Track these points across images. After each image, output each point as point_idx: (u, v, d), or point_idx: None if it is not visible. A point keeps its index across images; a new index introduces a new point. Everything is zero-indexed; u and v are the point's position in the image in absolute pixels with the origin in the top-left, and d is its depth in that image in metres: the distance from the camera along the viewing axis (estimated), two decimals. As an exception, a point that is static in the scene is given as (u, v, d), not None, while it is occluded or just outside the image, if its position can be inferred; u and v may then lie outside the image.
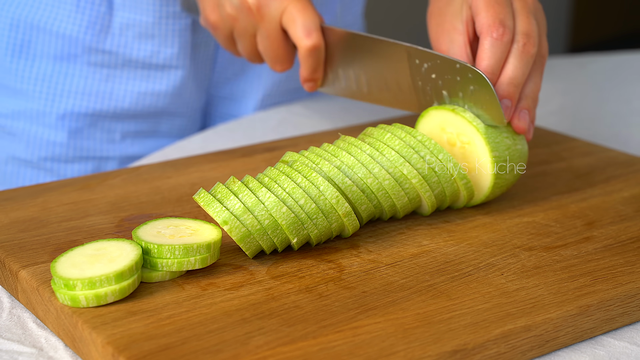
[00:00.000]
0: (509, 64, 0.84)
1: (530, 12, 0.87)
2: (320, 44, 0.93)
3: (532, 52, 0.84)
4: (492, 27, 0.84)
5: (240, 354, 0.62)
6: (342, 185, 0.77)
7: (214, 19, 0.98)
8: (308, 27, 0.92)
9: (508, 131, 0.84)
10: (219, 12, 0.97)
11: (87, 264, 0.69)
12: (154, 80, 1.14)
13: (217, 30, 0.98)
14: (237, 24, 0.96)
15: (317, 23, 0.93)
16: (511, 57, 0.84)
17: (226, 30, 0.98)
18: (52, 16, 1.10)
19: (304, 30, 0.92)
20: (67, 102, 1.12)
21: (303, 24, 0.92)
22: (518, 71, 0.84)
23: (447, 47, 0.88)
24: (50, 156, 1.14)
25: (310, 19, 0.92)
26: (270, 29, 0.94)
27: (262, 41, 0.96)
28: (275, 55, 0.96)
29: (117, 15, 1.11)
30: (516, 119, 0.84)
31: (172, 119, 1.18)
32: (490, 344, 0.65)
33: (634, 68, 1.48)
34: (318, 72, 0.95)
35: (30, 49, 1.11)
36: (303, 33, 0.92)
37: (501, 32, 0.83)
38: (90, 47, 1.11)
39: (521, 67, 0.84)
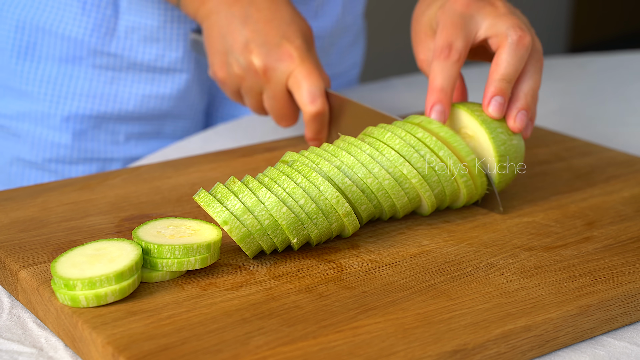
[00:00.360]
0: (501, 60, 0.85)
1: (511, 13, 0.88)
2: (324, 110, 0.95)
3: (527, 44, 0.85)
4: (439, 49, 0.86)
5: (240, 354, 0.62)
6: (342, 185, 0.77)
7: (221, 76, 0.99)
8: (313, 94, 0.94)
9: (502, 127, 0.84)
10: (226, 70, 0.99)
11: (87, 264, 0.69)
12: (159, 83, 1.14)
13: (225, 85, 1.00)
14: (244, 83, 0.98)
15: (322, 89, 0.95)
16: (503, 53, 0.85)
17: (233, 86, 1.00)
18: (57, 18, 1.10)
19: (309, 97, 0.94)
20: (72, 104, 1.13)
21: (308, 90, 0.94)
22: (510, 67, 0.84)
23: (425, 56, 0.91)
24: (54, 157, 1.15)
25: (315, 85, 0.94)
26: (276, 91, 0.96)
27: (268, 100, 0.98)
28: (281, 114, 0.98)
29: (122, 19, 1.11)
30: (512, 120, 0.85)
31: (176, 121, 1.18)
32: (490, 344, 0.65)
33: (634, 68, 1.48)
34: (322, 133, 0.97)
35: (35, 51, 1.12)
36: (308, 99, 0.94)
37: (446, 54, 0.85)
38: (95, 50, 1.11)
39: (514, 62, 0.84)
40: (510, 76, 0.84)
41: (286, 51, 0.95)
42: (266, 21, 0.96)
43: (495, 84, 0.84)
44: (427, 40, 0.90)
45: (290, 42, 0.95)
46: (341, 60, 1.30)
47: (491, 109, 0.84)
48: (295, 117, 0.99)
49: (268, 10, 0.97)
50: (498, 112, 0.84)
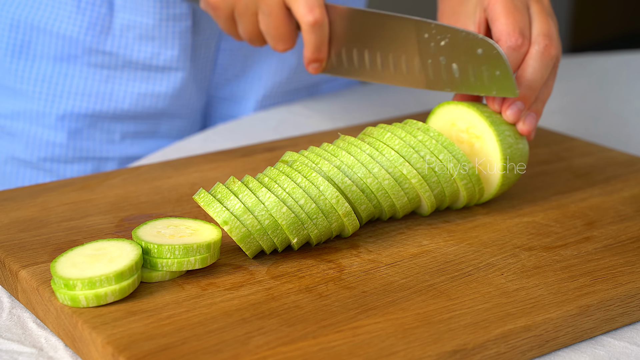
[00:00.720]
0: (528, 67, 0.83)
1: (548, 14, 0.86)
2: (323, 19, 0.91)
3: (553, 55, 0.84)
4: (510, 36, 0.83)
5: (240, 354, 0.62)
6: (341, 185, 0.77)
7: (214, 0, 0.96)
8: (310, 3, 0.90)
9: (510, 130, 0.84)
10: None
11: (87, 264, 0.69)
12: (154, 81, 1.14)
13: (218, 10, 0.97)
14: (238, 2, 0.94)
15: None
16: (530, 60, 0.83)
17: (227, 10, 0.96)
18: (52, 17, 1.10)
19: (306, 6, 0.90)
20: (67, 102, 1.12)
21: (306, 0, 0.90)
22: (537, 74, 0.83)
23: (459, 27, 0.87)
24: (49, 157, 1.14)
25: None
26: (272, 6, 0.92)
27: (263, 19, 0.94)
28: (278, 34, 0.94)
29: (117, 17, 1.11)
30: (521, 122, 0.84)
31: (172, 120, 1.18)
32: (490, 344, 0.65)
33: (634, 68, 1.48)
34: (322, 51, 0.93)
35: (30, 50, 1.11)
36: (305, 9, 0.90)
37: (520, 42, 0.83)
38: (90, 48, 1.11)
39: (540, 70, 0.83)
40: (536, 83, 0.83)
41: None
42: None
43: (520, 90, 0.83)
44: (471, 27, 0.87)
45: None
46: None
47: (509, 112, 0.83)
48: (293, 38, 0.95)
49: None
50: (515, 117, 0.84)
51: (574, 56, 1.55)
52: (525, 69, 0.83)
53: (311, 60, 0.94)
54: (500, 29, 0.84)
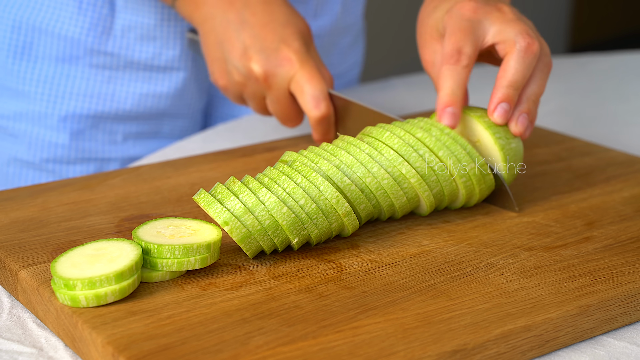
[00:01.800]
0: (508, 67, 0.84)
1: (518, 19, 0.87)
2: (329, 113, 0.95)
3: (535, 51, 0.85)
4: (449, 55, 0.86)
5: (240, 354, 0.62)
6: (340, 185, 0.77)
7: (222, 83, 0.99)
8: (316, 98, 0.94)
9: (502, 130, 0.85)
10: (227, 78, 0.98)
11: (87, 264, 0.69)
12: (156, 81, 1.14)
13: (227, 92, 1.00)
14: (245, 89, 0.98)
15: (325, 92, 0.94)
16: (511, 60, 0.84)
17: (235, 92, 0.99)
18: (54, 18, 1.10)
19: (312, 102, 0.94)
20: (69, 103, 1.13)
21: (312, 95, 0.94)
22: (518, 74, 0.84)
23: (431, 57, 0.90)
24: (52, 158, 1.14)
25: (318, 89, 0.94)
26: (279, 96, 0.96)
27: (271, 104, 0.98)
28: (286, 116, 0.98)
29: (119, 17, 1.11)
30: (514, 124, 0.85)
31: (174, 120, 1.18)
32: (490, 344, 0.65)
33: (634, 68, 1.48)
34: (329, 134, 0.97)
35: (32, 51, 1.11)
36: (312, 104, 0.94)
37: (456, 58, 0.85)
38: (92, 49, 1.11)
39: (522, 69, 0.84)
40: (517, 83, 0.84)
41: (285, 56, 0.94)
42: (262, 25, 0.96)
43: (503, 91, 0.84)
44: (433, 42, 0.90)
45: (288, 46, 0.95)
46: (342, 60, 1.30)
47: (496, 114, 0.84)
48: (301, 117, 0.99)
49: (263, 13, 0.97)
50: (503, 119, 0.84)
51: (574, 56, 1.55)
52: (505, 69, 0.84)
53: (319, 141, 0.98)
54: (444, 50, 0.87)
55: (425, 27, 0.91)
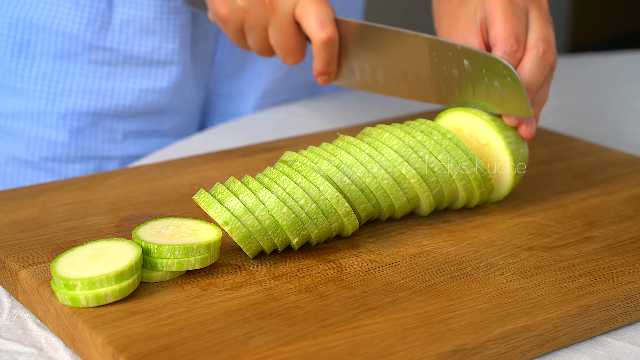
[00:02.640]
0: (525, 70, 0.84)
1: (547, 20, 0.87)
2: (335, 36, 0.92)
3: (550, 61, 0.85)
4: (506, 41, 0.84)
5: (240, 354, 0.62)
6: (340, 185, 0.77)
7: (224, 12, 0.96)
8: (322, 20, 0.91)
9: (514, 135, 0.85)
10: (229, 5, 0.96)
11: (87, 264, 0.69)
12: (155, 76, 1.14)
13: (227, 23, 0.97)
14: (248, 16, 0.95)
15: (331, 15, 0.92)
16: (527, 63, 0.84)
17: (237, 23, 0.96)
18: (51, 14, 1.10)
19: (318, 23, 0.91)
20: (68, 101, 1.12)
21: (317, 17, 0.91)
22: (533, 78, 0.84)
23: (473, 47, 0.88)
24: (51, 156, 1.14)
25: (324, 11, 0.91)
26: (282, 22, 0.93)
27: (273, 34, 0.95)
28: (288, 48, 0.95)
29: (117, 12, 1.10)
30: (524, 127, 0.85)
31: (173, 116, 1.18)
32: (490, 344, 0.65)
33: (634, 68, 1.48)
34: (332, 65, 0.94)
35: (30, 48, 1.11)
36: (317, 26, 0.91)
37: (515, 48, 0.84)
38: (90, 45, 1.11)
39: (537, 74, 0.84)
40: (532, 87, 0.84)
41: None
42: None
43: None
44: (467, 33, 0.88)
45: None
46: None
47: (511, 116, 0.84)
48: (303, 51, 0.96)
49: None
50: (516, 120, 0.84)
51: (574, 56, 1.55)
52: (522, 72, 0.84)
53: (321, 73, 0.95)
54: (497, 34, 0.85)
55: (458, 17, 0.90)
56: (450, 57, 0.86)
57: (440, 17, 0.93)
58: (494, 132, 0.84)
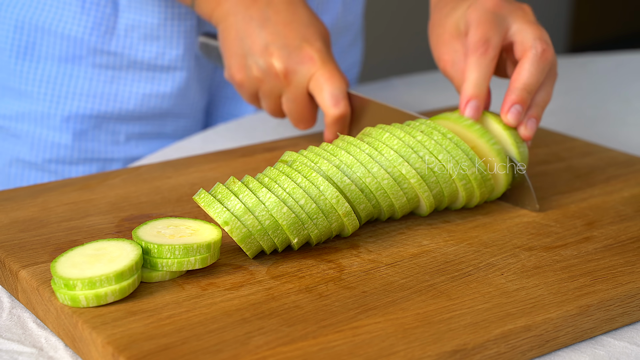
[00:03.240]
0: (524, 70, 0.85)
1: (535, 23, 0.88)
2: (347, 112, 0.95)
3: (549, 59, 0.86)
4: (477, 44, 0.86)
5: (240, 354, 0.62)
6: (340, 184, 0.77)
7: (239, 78, 0.99)
8: (336, 96, 0.94)
9: (515, 135, 0.85)
10: (245, 72, 0.98)
11: (87, 264, 0.69)
12: (159, 81, 1.14)
13: (242, 88, 1.00)
14: (263, 85, 0.97)
15: (344, 91, 0.95)
16: (527, 63, 0.85)
17: (251, 89, 0.99)
18: (57, 18, 1.10)
19: (332, 100, 0.94)
20: (72, 103, 1.13)
21: (331, 93, 0.94)
22: (533, 78, 0.85)
23: (451, 57, 0.90)
24: (54, 158, 1.14)
25: (338, 88, 0.94)
26: (296, 94, 0.96)
27: (287, 103, 0.97)
28: (300, 117, 0.98)
29: (122, 17, 1.11)
30: (523, 128, 0.86)
31: (176, 120, 1.18)
32: (490, 344, 0.65)
33: (634, 68, 1.48)
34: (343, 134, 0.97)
35: (35, 51, 1.11)
36: (331, 102, 0.94)
37: (484, 49, 0.86)
38: (95, 49, 1.11)
39: (536, 73, 0.85)
40: (531, 87, 0.85)
41: (307, 54, 0.95)
42: (285, 23, 0.96)
43: (517, 93, 0.85)
44: (453, 41, 0.90)
45: (310, 45, 0.95)
46: (341, 60, 1.30)
47: (510, 116, 0.85)
48: (314, 119, 0.99)
49: (286, 12, 0.97)
50: (516, 120, 0.85)
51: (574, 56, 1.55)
52: (521, 72, 0.85)
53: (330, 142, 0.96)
54: (470, 40, 0.87)
55: (444, 27, 0.92)
56: None
57: (431, 27, 0.95)
58: (502, 129, 0.85)
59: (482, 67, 0.86)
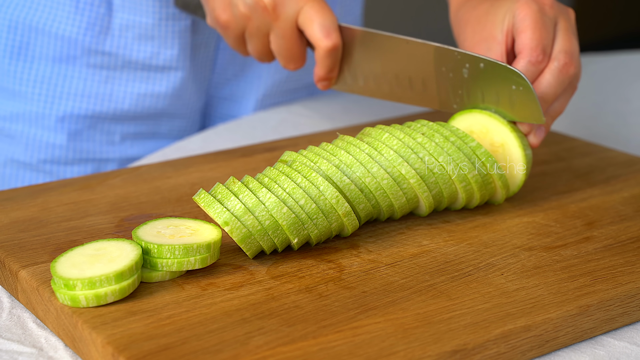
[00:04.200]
0: (544, 80, 0.85)
1: (573, 33, 0.87)
2: (339, 43, 0.92)
3: (571, 73, 0.85)
4: (533, 51, 0.85)
5: (240, 354, 0.62)
6: (340, 184, 0.77)
7: (225, 19, 0.96)
8: (327, 28, 0.91)
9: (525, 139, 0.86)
10: (231, 11, 0.95)
11: (87, 264, 0.69)
12: (154, 81, 1.14)
13: (228, 29, 0.97)
14: (250, 23, 0.95)
15: (335, 23, 0.92)
16: (547, 74, 0.85)
17: (238, 30, 0.96)
18: (50, 17, 1.10)
19: (322, 31, 0.91)
20: (67, 104, 1.12)
21: (322, 24, 0.91)
22: (551, 89, 0.85)
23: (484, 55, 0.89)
24: (49, 158, 1.14)
25: (328, 19, 0.92)
26: (285, 29, 0.93)
27: (275, 40, 0.95)
28: (289, 54, 0.95)
29: (116, 17, 1.10)
30: (533, 136, 0.87)
31: (172, 120, 1.18)
32: (490, 344, 0.65)
33: (634, 68, 1.48)
34: (334, 71, 0.95)
35: (29, 51, 1.11)
36: (322, 34, 0.91)
37: (540, 59, 0.85)
38: (89, 49, 1.11)
39: (555, 85, 0.85)
40: (548, 97, 0.85)
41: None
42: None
43: None
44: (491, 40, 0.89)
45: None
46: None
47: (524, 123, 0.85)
48: (304, 58, 0.96)
49: None
50: (529, 128, 0.86)
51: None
52: (540, 82, 0.85)
53: (322, 79, 0.95)
54: (524, 42, 0.85)
55: (484, 25, 0.90)
56: (459, 61, 0.86)
57: (465, 23, 0.93)
58: (508, 132, 0.85)
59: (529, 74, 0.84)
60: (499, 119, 0.86)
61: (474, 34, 0.91)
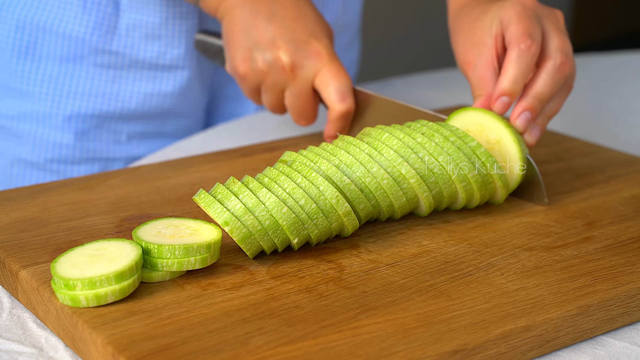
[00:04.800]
0: (540, 80, 0.86)
1: (563, 33, 0.88)
2: (353, 108, 0.95)
3: (566, 72, 0.86)
4: (520, 39, 0.86)
5: (240, 354, 0.62)
6: (340, 184, 0.77)
7: (243, 70, 0.98)
8: (342, 92, 0.94)
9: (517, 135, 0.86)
10: (250, 64, 0.97)
11: (87, 264, 0.69)
12: (161, 81, 1.14)
13: (245, 81, 0.99)
14: (267, 78, 0.97)
15: (350, 87, 0.95)
16: (543, 73, 0.86)
17: (254, 82, 0.99)
18: (58, 17, 1.10)
19: (338, 95, 0.94)
20: (74, 103, 1.13)
21: (338, 89, 0.94)
22: (546, 88, 0.86)
23: (475, 60, 0.90)
24: (56, 158, 1.14)
25: (344, 83, 0.95)
26: (301, 88, 0.96)
27: (290, 97, 0.97)
28: (303, 112, 0.98)
29: (123, 16, 1.11)
30: (528, 134, 0.87)
31: (178, 119, 1.18)
32: (490, 344, 0.65)
33: (634, 68, 1.48)
34: (344, 131, 0.97)
35: (36, 51, 1.11)
36: (337, 98, 0.94)
37: (529, 44, 0.85)
38: (96, 48, 1.11)
39: (551, 84, 0.86)
40: (544, 96, 0.86)
41: (315, 49, 0.95)
42: (293, 19, 0.96)
43: (529, 100, 0.86)
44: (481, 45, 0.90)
45: (318, 41, 0.95)
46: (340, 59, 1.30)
47: (519, 121, 0.86)
48: (315, 115, 0.99)
49: (294, 8, 0.97)
50: (524, 126, 0.86)
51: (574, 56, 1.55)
52: (536, 81, 0.86)
53: (332, 138, 0.98)
54: (511, 33, 0.87)
55: (474, 30, 0.91)
56: None
57: (457, 30, 0.95)
58: (503, 128, 0.85)
59: (523, 62, 0.85)
60: (494, 115, 0.86)
61: (465, 40, 0.93)
